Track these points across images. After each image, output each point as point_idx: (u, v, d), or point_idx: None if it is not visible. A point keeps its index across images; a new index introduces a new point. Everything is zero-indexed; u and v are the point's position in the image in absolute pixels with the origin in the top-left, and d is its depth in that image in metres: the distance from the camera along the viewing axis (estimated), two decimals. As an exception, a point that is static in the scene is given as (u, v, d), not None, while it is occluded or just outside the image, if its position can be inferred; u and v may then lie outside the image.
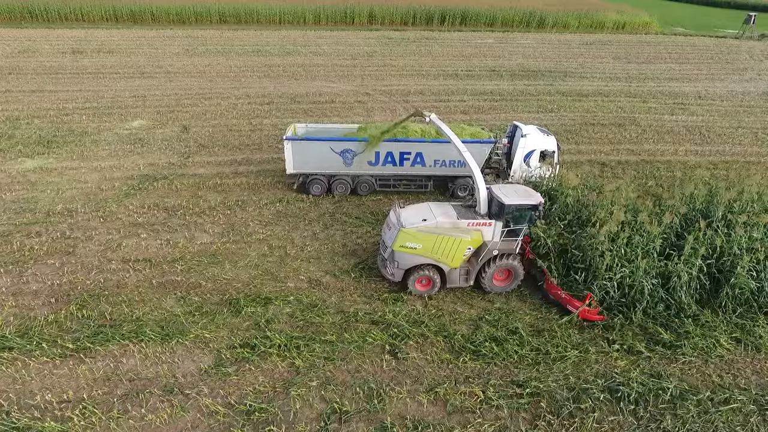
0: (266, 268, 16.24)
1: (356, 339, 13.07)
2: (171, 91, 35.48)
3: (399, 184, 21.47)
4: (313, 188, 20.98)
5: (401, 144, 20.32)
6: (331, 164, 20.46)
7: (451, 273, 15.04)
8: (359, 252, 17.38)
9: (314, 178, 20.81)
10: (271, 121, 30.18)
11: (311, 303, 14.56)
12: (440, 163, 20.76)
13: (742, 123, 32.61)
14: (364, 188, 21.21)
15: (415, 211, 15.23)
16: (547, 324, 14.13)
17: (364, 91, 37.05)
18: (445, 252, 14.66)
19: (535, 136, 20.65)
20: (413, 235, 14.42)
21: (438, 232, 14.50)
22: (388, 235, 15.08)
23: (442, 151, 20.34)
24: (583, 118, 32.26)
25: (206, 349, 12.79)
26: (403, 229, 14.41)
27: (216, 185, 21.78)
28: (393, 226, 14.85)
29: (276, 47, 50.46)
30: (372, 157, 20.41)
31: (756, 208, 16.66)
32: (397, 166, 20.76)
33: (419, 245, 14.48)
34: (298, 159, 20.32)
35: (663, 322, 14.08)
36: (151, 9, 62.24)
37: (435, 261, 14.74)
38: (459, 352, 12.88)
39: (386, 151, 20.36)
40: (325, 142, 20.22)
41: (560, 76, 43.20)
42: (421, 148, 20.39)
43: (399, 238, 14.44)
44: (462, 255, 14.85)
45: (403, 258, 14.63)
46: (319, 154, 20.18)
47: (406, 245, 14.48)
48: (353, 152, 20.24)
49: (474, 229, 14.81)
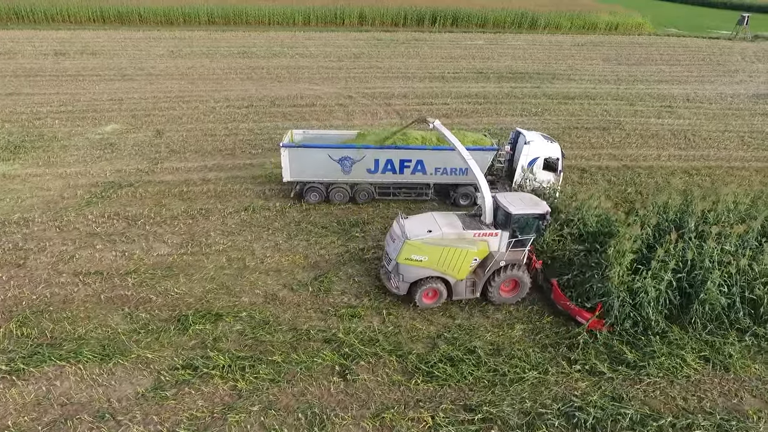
0: (222, 281, 15.64)
1: (305, 359, 12.47)
2: (150, 94, 34.89)
3: (399, 192, 20.93)
4: (311, 196, 20.45)
5: (401, 151, 19.76)
6: (329, 172, 19.90)
7: (457, 285, 14.59)
8: (321, 264, 16.77)
9: (311, 186, 20.30)
10: (247, 125, 29.58)
11: (263, 320, 13.96)
12: (441, 171, 20.22)
13: (729, 126, 32.01)
14: (363, 196, 20.68)
15: (420, 221, 14.78)
16: (508, 342, 13.50)
17: (347, 93, 36.46)
18: (451, 264, 14.19)
19: (538, 143, 20.16)
20: (418, 247, 13.94)
21: (444, 243, 14.02)
22: (392, 247, 14.56)
23: (443, 159, 19.80)
24: (568, 122, 31.66)
25: (147, 370, 12.19)
26: (408, 241, 13.92)
27: (182, 193, 21.17)
28: (397, 238, 14.34)
29: (262, 49, 49.85)
30: (371, 164, 19.86)
31: (732, 218, 16.07)
32: (397, 173, 20.21)
33: (425, 257, 14.01)
34: (295, 166, 19.77)
35: (629, 340, 13.47)
36: (138, 10, 61.55)
37: (441, 273, 14.28)
38: (412, 373, 12.29)
39: (386, 158, 19.82)
40: (323, 149, 19.64)
41: (548, 78, 42.61)
42: (422, 155, 19.84)
43: (404, 250, 13.96)
44: (468, 266, 14.41)
45: (409, 271, 14.17)
46: (316, 162, 19.63)
47: (411, 258, 14.01)
48: (352, 160, 19.70)
49: (480, 240, 14.35)
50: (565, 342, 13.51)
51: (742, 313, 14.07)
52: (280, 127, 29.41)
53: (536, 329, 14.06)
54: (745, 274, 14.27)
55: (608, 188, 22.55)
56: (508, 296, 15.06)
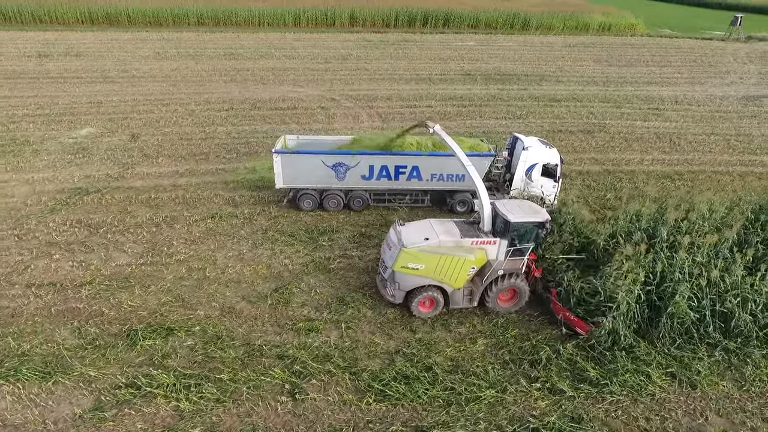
0: (179, 293, 15.15)
1: (253, 377, 11.98)
2: (130, 96, 34.40)
3: (394, 198, 20.54)
4: (304, 203, 20.03)
5: (396, 157, 19.33)
6: (323, 178, 19.47)
7: (454, 294, 14.31)
8: (284, 274, 16.29)
9: (305, 193, 19.87)
10: (225, 128, 29.11)
11: (216, 334, 13.47)
12: (438, 177, 19.76)
13: (715, 129, 31.55)
14: (358, 203, 20.24)
15: (416, 229, 14.45)
16: (469, 357, 13.02)
17: (331, 96, 35.99)
18: (448, 272, 13.88)
19: (537, 149, 19.75)
20: (415, 255, 13.63)
21: (441, 251, 13.71)
22: (388, 255, 14.27)
23: (439, 165, 19.35)
24: (552, 125, 31.19)
25: (88, 389, 11.70)
26: (404, 249, 13.61)
27: (149, 199, 20.68)
28: (393, 246, 14.02)
29: (250, 50, 49.37)
30: (366, 171, 19.44)
31: (706, 227, 15.60)
32: (392, 180, 19.79)
33: (421, 266, 13.71)
34: (287, 173, 19.36)
35: (594, 356, 12.98)
36: (127, 11, 61.07)
37: (438, 282, 13.99)
38: (364, 392, 11.79)
39: (381, 164, 19.38)
40: (317, 155, 19.22)
41: (536, 80, 42.15)
42: (418, 161, 19.39)
43: (400, 258, 13.66)
44: (466, 275, 14.11)
45: (405, 279, 13.89)
46: (310, 168, 19.19)
47: (407, 266, 13.72)
48: (346, 166, 19.26)
49: (478, 248, 14.07)
50: (528, 358, 13.02)
51: (712, 327, 13.60)
52: (259, 130, 28.99)
53: (499, 344, 13.57)
54: (717, 286, 13.78)
55: (587, 194, 22.08)
56: (506, 305, 14.72)
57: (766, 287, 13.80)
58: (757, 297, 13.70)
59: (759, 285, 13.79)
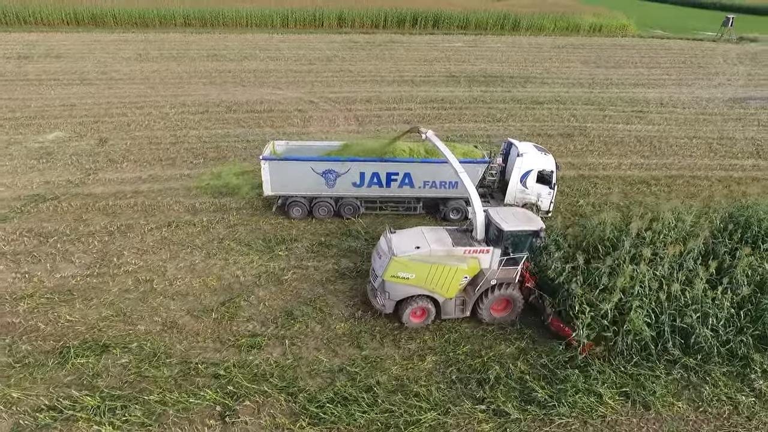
0: (121, 307, 14.58)
1: (183, 399, 11.39)
2: (105, 99, 33.82)
3: (386, 206, 20.00)
4: (293, 211, 19.50)
5: (388, 164, 18.85)
6: (312, 186, 18.96)
7: (446, 304, 13.99)
8: (234, 286, 15.72)
9: (294, 201, 19.32)
10: (197, 132, 28.55)
11: (153, 351, 12.89)
12: (430, 184, 19.30)
13: (698, 132, 30.98)
14: (349, 211, 19.73)
15: (407, 237, 14.15)
16: (415, 376, 12.44)
17: (309, 98, 35.43)
18: (439, 282, 13.54)
19: (532, 155, 19.33)
20: (405, 264, 13.29)
21: (432, 260, 13.39)
22: (378, 264, 13.96)
23: (432, 172, 18.89)
24: (532, 128, 30.61)
25: (8, 412, 11.14)
26: (394, 258, 13.29)
27: (107, 207, 20.12)
28: (384, 254, 13.71)
29: (234, 52, 48.79)
30: (356, 178, 18.96)
31: (671, 237, 15.03)
32: (383, 187, 19.29)
33: (412, 275, 13.38)
34: (276, 180, 18.85)
35: (545, 374, 12.40)
36: (112, 12, 60.49)
37: (429, 291, 13.66)
38: (299, 415, 11.22)
39: (372, 171, 18.90)
40: (306, 162, 18.68)
41: (521, 82, 41.59)
42: (410, 168, 18.93)
43: (390, 267, 13.33)
44: (458, 285, 13.80)
45: (395, 288, 13.58)
46: (298, 175, 18.68)
47: (398, 275, 13.40)
48: (336, 173, 18.77)
49: (471, 257, 13.75)
50: (476, 377, 12.46)
51: (671, 343, 13.02)
52: (231, 134, 28.45)
53: (449, 361, 13.00)
54: (677, 300, 13.21)
55: (560, 200, 21.49)
56: (499, 316, 14.35)
57: (728, 301, 13.21)
58: (719, 311, 13.11)
59: (721, 299, 13.21)
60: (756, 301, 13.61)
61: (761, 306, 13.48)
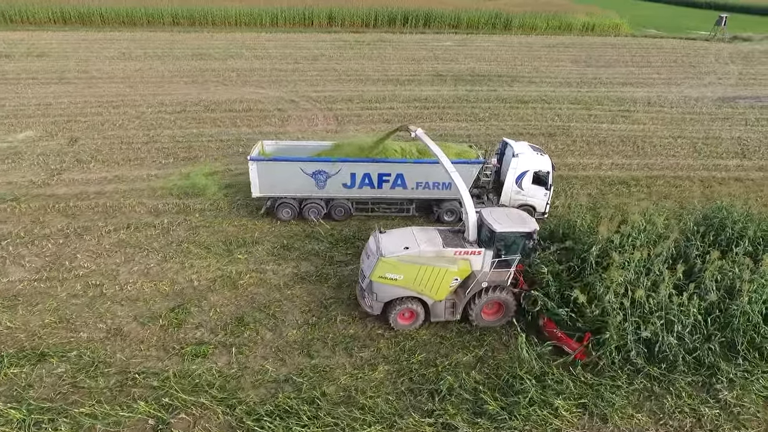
0: (66, 313, 14.00)
1: (114, 412, 10.80)
2: (82, 98, 33.25)
3: (378, 207, 19.50)
4: (282, 213, 18.98)
5: (380, 165, 18.31)
6: (302, 187, 18.42)
7: (435, 306, 13.56)
8: (187, 291, 15.14)
9: (283, 202, 18.83)
10: (171, 132, 27.98)
11: (92, 360, 12.31)
12: (423, 186, 18.75)
13: (684, 132, 30.41)
14: (339, 212, 19.22)
15: (397, 237, 13.73)
16: (364, 387, 11.86)
17: (291, 97, 34.88)
18: (428, 284, 13.13)
19: (528, 155, 18.87)
20: (393, 264, 12.89)
21: (421, 261, 12.97)
22: (366, 264, 13.59)
23: (425, 173, 18.35)
24: (514, 128, 30.03)
25: (-72, 426, 10.53)
26: (382, 258, 12.88)
27: (67, 208, 19.55)
28: (372, 254, 13.34)
29: (220, 51, 48.22)
30: (347, 179, 18.43)
31: (641, 239, 14.45)
32: (375, 188, 18.77)
33: (400, 276, 12.99)
34: (264, 181, 18.29)
35: (501, 385, 11.83)
36: (100, 11, 59.92)
37: (417, 293, 13.26)
38: (235, 429, 10.64)
39: (363, 172, 18.35)
40: (295, 162, 18.14)
41: (508, 81, 41.02)
42: (402, 169, 18.38)
43: (378, 267, 12.94)
44: (448, 287, 13.37)
45: (383, 289, 13.18)
46: (287, 176, 18.12)
47: (385, 276, 13.00)
48: (326, 173, 18.21)
49: (461, 258, 13.31)
50: (428, 387, 11.87)
51: (635, 351, 12.43)
52: (205, 134, 27.89)
53: (402, 371, 12.42)
54: (641, 306, 12.63)
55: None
56: (491, 319, 13.96)
57: (694, 307, 12.63)
58: (685, 318, 12.53)
59: (687, 305, 12.63)
60: (725, 307, 13.03)
61: (730, 312, 12.90)
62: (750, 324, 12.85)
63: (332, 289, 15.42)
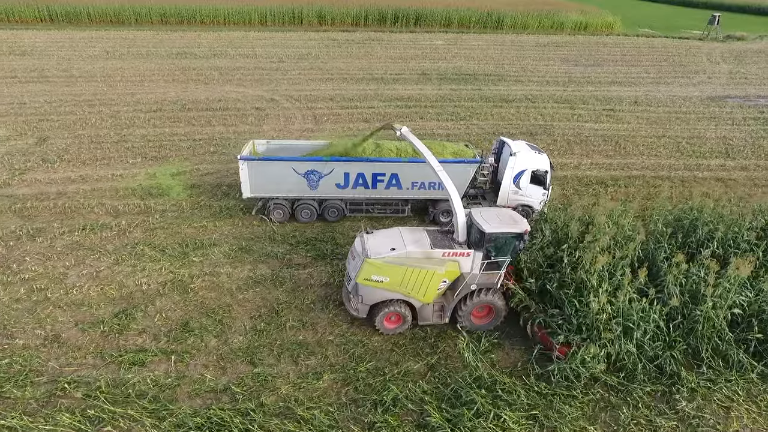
0: (5, 318, 13.46)
1: (33, 425, 10.23)
2: (58, 97, 32.72)
3: (373, 208, 19.02)
4: (275, 214, 18.54)
5: (374, 164, 17.82)
6: (294, 187, 17.99)
7: (423, 309, 13.17)
8: (135, 295, 14.58)
9: (275, 203, 18.36)
10: (144, 131, 27.45)
11: (23, 369, 11.74)
12: (419, 186, 18.32)
13: (668, 132, 29.84)
14: (333, 213, 18.76)
15: (384, 238, 13.36)
16: (304, 398, 11.29)
17: (271, 96, 34.33)
18: (415, 286, 12.72)
19: (525, 154, 18.37)
20: (379, 266, 12.49)
21: (407, 263, 12.56)
22: (352, 266, 13.18)
23: (421, 172, 17.84)
24: (494, 127, 29.47)
25: None
26: (368, 260, 12.49)
27: (24, 209, 19.00)
28: (357, 256, 12.94)
29: (205, 49, 47.75)
30: (340, 179, 17.98)
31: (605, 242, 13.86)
32: (369, 189, 18.30)
33: (386, 278, 12.58)
34: (256, 181, 17.84)
35: (448, 395, 11.25)
36: (87, 9, 59.39)
37: (404, 296, 12.84)
38: (161, 442, 10.08)
39: (357, 172, 17.88)
40: (287, 162, 17.67)
41: (494, 80, 40.47)
42: (397, 168, 17.93)
43: (363, 269, 12.55)
44: (435, 289, 12.95)
45: (368, 292, 12.78)
46: (279, 176, 17.69)
47: (371, 278, 12.60)
48: (319, 173, 17.75)
49: (450, 260, 12.85)
50: (372, 398, 11.29)
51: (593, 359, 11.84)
52: (178, 133, 27.36)
53: (348, 379, 11.86)
54: (602, 312, 12.06)
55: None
56: (480, 323, 13.54)
57: (656, 313, 12.06)
58: (645, 325, 11.96)
59: (648, 311, 12.06)
60: (688, 313, 12.47)
61: (693, 318, 12.34)
62: (714, 330, 12.29)
63: (286, 293, 14.86)
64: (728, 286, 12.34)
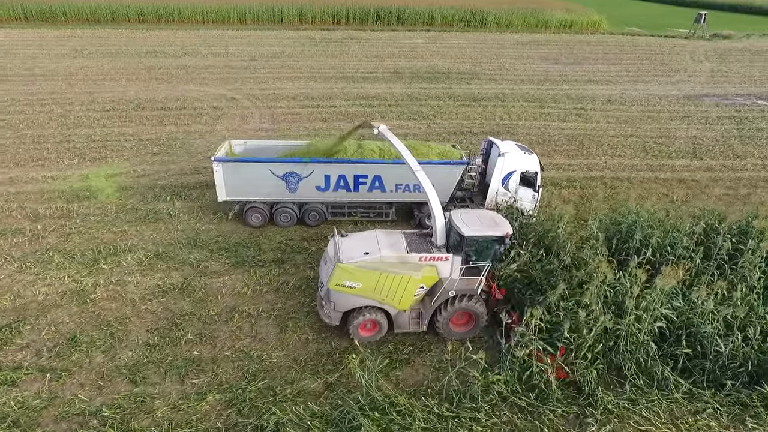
0: None
1: None
2: (12, 96, 31.79)
3: (355, 212, 18.17)
4: (252, 218, 17.67)
5: (355, 166, 16.95)
6: (272, 190, 17.13)
7: (399, 316, 12.52)
8: (30, 306, 13.59)
9: (252, 207, 17.48)
10: (91, 130, 26.51)
11: None
12: (403, 188, 17.47)
13: (638, 131, 28.86)
14: (314, 217, 17.90)
15: (358, 241, 12.72)
16: (183, 421, 10.29)
17: (232, 95, 33.39)
18: (390, 292, 12.04)
19: (514, 155, 17.57)
20: (351, 272, 11.84)
21: (381, 268, 11.92)
22: (324, 271, 12.60)
23: (405, 174, 16.84)
24: (457, 127, 28.52)
25: None
26: (339, 265, 11.85)
27: (-61, 213, 18.01)
28: (329, 261, 12.32)
29: (177, 48, 46.80)
30: (321, 181, 17.10)
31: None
32: (351, 191, 17.43)
33: (359, 284, 11.92)
34: (232, 184, 16.93)
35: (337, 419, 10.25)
36: (63, 8, 58.44)
37: (378, 303, 12.19)
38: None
39: (338, 174, 17.01)
40: (264, 163, 16.77)
41: (467, 78, 39.50)
42: (380, 170, 17.08)
43: (335, 275, 11.90)
44: (412, 295, 12.27)
45: (341, 298, 12.13)
46: (256, 178, 16.83)
47: (343, 284, 11.91)
48: (298, 176, 16.88)
49: (427, 265, 12.20)
50: (254, 423, 10.29)
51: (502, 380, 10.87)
52: (126, 133, 26.42)
53: (233, 401, 10.87)
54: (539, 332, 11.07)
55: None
56: (460, 331, 12.85)
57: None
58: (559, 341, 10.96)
59: (564, 326, 11.06)
60: (613, 328, 11.47)
61: (615, 332, 11.35)
62: (638, 345, 11.29)
63: (193, 303, 13.88)
64: (655, 297, 11.34)
